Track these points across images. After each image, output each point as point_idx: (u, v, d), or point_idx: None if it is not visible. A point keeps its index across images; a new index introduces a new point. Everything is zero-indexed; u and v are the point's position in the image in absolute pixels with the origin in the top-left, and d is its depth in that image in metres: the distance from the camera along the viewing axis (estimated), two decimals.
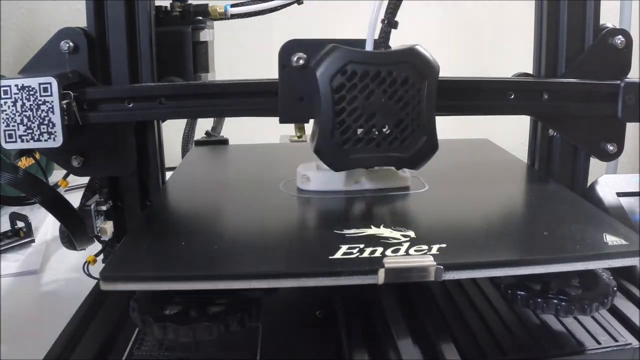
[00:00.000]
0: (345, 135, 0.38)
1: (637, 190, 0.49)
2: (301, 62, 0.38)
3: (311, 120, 0.41)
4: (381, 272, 0.30)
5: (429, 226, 0.38)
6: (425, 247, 0.33)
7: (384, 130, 0.39)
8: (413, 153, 0.39)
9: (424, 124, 0.39)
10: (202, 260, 0.32)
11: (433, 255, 0.32)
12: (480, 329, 0.37)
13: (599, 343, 0.35)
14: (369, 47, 0.39)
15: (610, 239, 0.34)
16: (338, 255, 0.32)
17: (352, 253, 0.32)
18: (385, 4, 0.38)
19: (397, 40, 0.40)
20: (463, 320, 0.38)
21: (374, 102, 0.38)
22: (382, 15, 0.39)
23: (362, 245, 0.33)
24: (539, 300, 0.33)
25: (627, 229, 0.35)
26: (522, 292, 0.34)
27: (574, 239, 0.34)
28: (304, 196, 0.43)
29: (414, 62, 0.38)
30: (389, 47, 0.39)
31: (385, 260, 0.31)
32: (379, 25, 0.39)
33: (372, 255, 0.32)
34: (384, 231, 0.35)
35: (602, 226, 0.36)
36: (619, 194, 0.48)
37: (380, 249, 0.32)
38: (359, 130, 0.38)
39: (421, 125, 0.39)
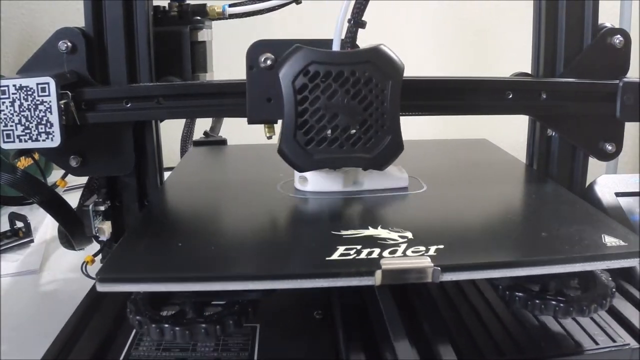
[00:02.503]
0: (308, 136, 0.38)
1: (636, 190, 0.49)
2: (269, 62, 0.38)
3: (280, 121, 0.40)
4: (378, 274, 0.30)
5: (426, 227, 0.37)
6: (422, 248, 0.33)
7: (348, 131, 0.38)
8: (377, 153, 0.39)
9: (389, 124, 0.39)
10: (199, 261, 0.32)
11: (430, 256, 0.32)
12: (478, 329, 0.37)
13: (597, 343, 0.35)
14: (335, 47, 0.39)
15: (609, 240, 0.34)
16: (335, 256, 0.32)
17: (349, 254, 0.32)
18: (352, 3, 0.38)
19: (398, 40, 0.40)
20: (461, 320, 0.38)
21: (337, 103, 0.38)
22: (349, 15, 0.38)
23: (359, 247, 0.33)
24: (537, 301, 0.33)
25: (626, 230, 0.35)
26: (520, 294, 0.34)
27: (572, 240, 0.34)
28: (302, 197, 0.43)
29: (378, 62, 0.38)
30: (357, 46, 0.39)
31: (382, 261, 0.31)
32: (346, 25, 0.39)
33: (369, 257, 0.32)
34: (381, 232, 0.35)
35: (601, 227, 0.36)
36: (618, 194, 0.48)
37: (377, 250, 0.32)
38: (323, 131, 0.38)
39: (385, 125, 0.39)
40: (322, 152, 0.39)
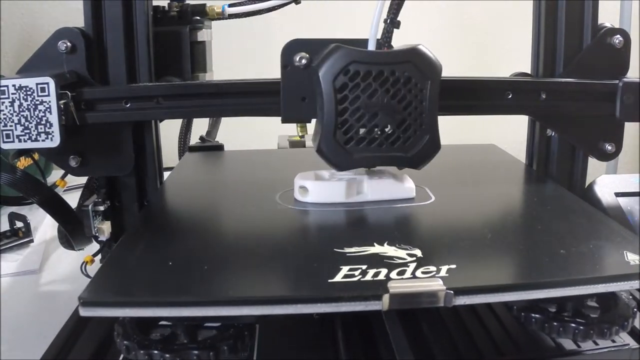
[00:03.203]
0: (348, 135, 0.38)
1: (636, 190, 0.49)
2: (304, 61, 0.39)
3: (313, 120, 0.40)
4: (386, 298, 0.28)
5: (436, 244, 0.35)
6: (433, 268, 0.30)
7: (387, 130, 0.38)
8: (415, 153, 0.39)
9: (427, 123, 0.39)
10: (190, 283, 0.30)
11: (442, 277, 0.29)
12: (477, 329, 0.37)
13: (596, 344, 0.35)
14: (371, 46, 0.39)
15: (632, 258, 0.32)
16: (338, 278, 0.30)
17: (353, 275, 0.30)
18: (387, 3, 0.38)
19: (397, 40, 0.40)
20: (460, 320, 0.38)
21: (377, 102, 0.38)
22: (384, 15, 0.39)
23: (364, 267, 0.31)
24: (555, 324, 0.31)
25: None
26: (536, 315, 0.32)
27: (592, 258, 0.32)
28: (302, 209, 0.41)
29: (417, 62, 0.38)
30: (392, 46, 0.39)
31: (390, 284, 0.29)
32: (382, 25, 0.39)
33: (375, 278, 0.29)
34: (388, 249, 0.33)
35: (622, 243, 0.34)
36: (618, 194, 0.48)
37: (384, 271, 0.30)
38: (362, 130, 0.38)
39: (424, 125, 0.39)
40: (361, 151, 0.38)
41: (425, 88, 0.38)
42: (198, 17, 0.46)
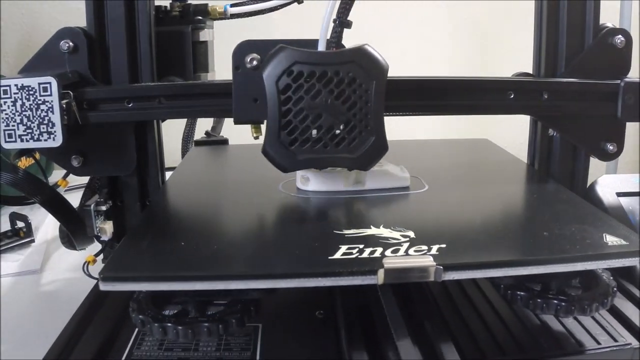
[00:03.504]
0: (292, 136, 0.38)
1: (637, 190, 0.49)
2: (254, 63, 0.38)
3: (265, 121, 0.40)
4: (381, 273, 0.30)
5: (428, 226, 0.37)
6: (424, 247, 0.33)
7: (332, 131, 0.38)
8: (361, 154, 0.39)
9: (372, 124, 0.39)
10: (201, 260, 0.32)
11: (433, 255, 0.32)
12: (479, 329, 0.37)
13: (598, 343, 0.35)
14: (321, 47, 0.39)
15: (610, 239, 0.34)
16: (337, 255, 0.32)
17: (351, 253, 0.32)
18: (337, 4, 0.38)
19: (399, 40, 0.40)
20: (463, 320, 0.38)
21: (321, 103, 0.38)
22: (334, 15, 0.38)
23: (361, 246, 0.33)
24: (539, 300, 0.33)
25: (627, 229, 0.35)
26: (522, 293, 0.34)
27: (573, 239, 0.34)
28: (304, 196, 0.43)
29: (361, 62, 0.38)
30: (342, 46, 0.39)
31: (384, 260, 0.31)
32: (332, 25, 0.39)
33: (371, 256, 0.32)
34: (383, 231, 0.35)
35: (602, 226, 0.36)
36: (619, 194, 0.48)
37: (379, 249, 0.32)
38: (307, 131, 0.38)
39: (369, 125, 0.39)
40: (306, 152, 0.39)
41: (370, 88, 0.38)
42: (200, 17, 0.47)
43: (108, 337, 0.37)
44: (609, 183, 0.49)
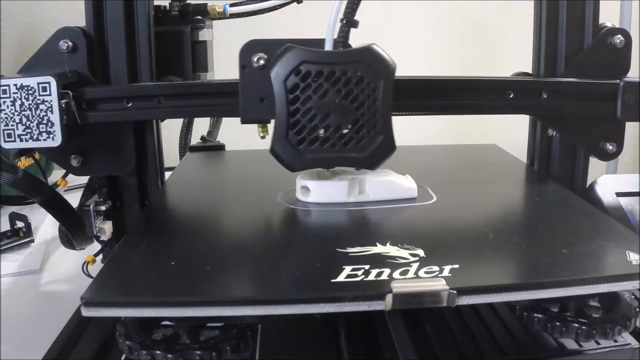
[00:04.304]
0: (300, 136, 0.38)
1: (637, 190, 0.49)
2: (261, 62, 0.38)
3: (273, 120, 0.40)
4: (389, 298, 0.28)
5: (439, 243, 0.35)
6: (436, 268, 0.30)
7: (340, 130, 0.38)
8: (369, 153, 0.39)
9: (380, 124, 0.38)
10: (193, 283, 0.30)
11: (445, 277, 0.29)
12: (479, 329, 0.37)
13: (598, 343, 0.35)
14: (328, 46, 0.38)
15: (634, 257, 0.32)
16: (341, 278, 0.30)
17: (356, 275, 0.30)
18: (344, 3, 0.38)
19: (399, 40, 0.40)
20: (463, 320, 0.38)
21: (329, 102, 0.37)
22: (341, 15, 0.38)
23: (367, 267, 0.31)
24: (558, 324, 0.32)
25: None
26: (539, 315, 0.32)
27: (594, 258, 0.32)
28: (304, 208, 0.41)
29: (369, 61, 0.37)
30: (349, 46, 0.39)
31: (393, 284, 0.29)
32: (339, 25, 0.38)
33: (378, 278, 0.29)
34: (390, 249, 0.33)
35: (624, 243, 0.34)
36: (619, 194, 0.48)
37: (387, 271, 0.30)
38: (314, 131, 0.38)
39: (377, 125, 0.38)
40: (314, 152, 0.38)
41: (378, 88, 0.38)
42: (199, 17, 0.46)
43: (108, 337, 0.37)
44: (608, 183, 0.49)
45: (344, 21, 0.38)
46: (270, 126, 0.41)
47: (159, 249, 0.35)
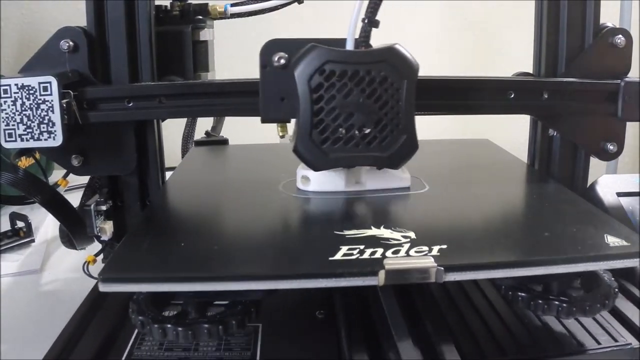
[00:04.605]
0: (324, 135, 0.38)
1: (637, 190, 0.49)
2: (282, 61, 0.38)
3: (293, 120, 0.40)
4: (381, 274, 0.30)
5: (429, 227, 0.37)
6: (425, 248, 0.32)
7: (363, 129, 0.38)
8: (392, 152, 0.39)
9: (404, 123, 0.39)
10: (201, 261, 0.32)
11: (434, 256, 0.31)
12: (480, 329, 0.37)
13: (599, 343, 0.35)
14: (349, 46, 0.39)
15: (612, 240, 0.34)
16: (338, 256, 0.32)
17: (352, 254, 0.32)
18: (366, 3, 0.38)
19: (400, 39, 0.40)
20: (463, 320, 0.38)
21: (353, 102, 0.38)
22: (362, 15, 0.38)
23: (362, 247, 0.33)
24: (540, 301, 0.33)
25: (628, 230, 0.35)
26: (523, 294, 0.34)
27: (575, 240, 0.34)
28: (304, 197, 0.43)
29: (393, 61, 0.38)
30: (370, 46, 0.39)
31: (385, 261, 0.31)
32: (360, 25, 0.39)
33: (372, 257, 0.32)
34: (384, 232, 0.35)
35: (603, 227, 0.36)
36: (619, 194, 0.48)
37: (380, 250, 0.32)
38: (338, 130, 0.38)
39: (400, 124, 0.39)
40: (337, 151, 0.39)
41: (402, 87, 0.38)
42: (200, 17, 0.46)
43: (108, 337, 0.37)
44: (609, 183, 0.49)
45: (366, 21, 0.39)
46: (289, 126, 0.42)
47: (169, 232, 0.37)
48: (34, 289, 0.52)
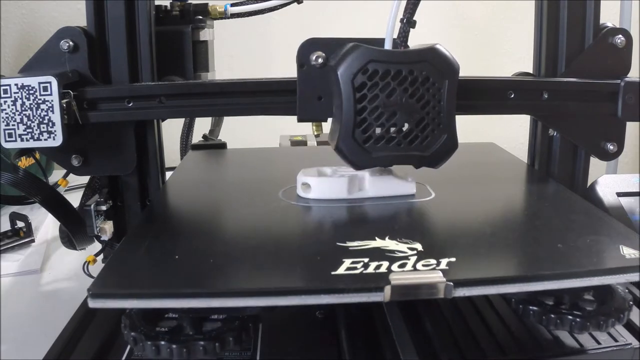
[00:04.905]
0: (367, 134, 0.38)
1: (637, 190, 0.49)
2: (320, 60, 0.39)
3: (329, 119, 0.40)
4: (387, 290, 0.29)
5: (436, 238, 0.36)
6: (433, 261, 0.31)
7: (405, 129, 0.39)
8: (433, 152, 0.39)
9: (445, 123, 0.39)
10: (196, 275, 0.31)
11: (442, 270, 0.30)
12: (480, 329, 0.37)
13: (598, 343, 0.35)
14: (387, 46, 0.39)
15: (627, 252, 0.32)
16: (341, 270, 0.30)
17: (356, 268, 0.30)
18: (403, 3, 0.38)
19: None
20: (463, 320, 0.38)
21: (395, 101, 0.38)
22: (400, 15, 0.39)
23: (366, 260, 0.31)
24: (552, 316, 0.32)
25: None
26: (534, 307, 0.32)
27: (589, 252, 0.33)
28: (305, 205, 0.41)
29: (434, 61, 0.38)
30: (408, 46, 0.40)
31: (391, 276, 0.29)
32: (398, 25, 0.39)
33: (377, 271, 0.30)
34: (389, 243, 0.33)
35: (618, 238, 0.34)
36: (619, 194, 0.48)
37: (385, 264, 0.31)
38: (380, 129, 0.38)
39: (442, 124, 0.39)
40: (380, 150, 0.39)
41: (443, 87, 0.38)
42: (200, 17, 0.47)
43: (108, 337, 0.37)
44: (609, 183, 0.49)
45: (405, 21, 0.39)
46: (325, 125, 0.41)
47: (163, 244, 0.35)
48: (34, 289, 0.52)
